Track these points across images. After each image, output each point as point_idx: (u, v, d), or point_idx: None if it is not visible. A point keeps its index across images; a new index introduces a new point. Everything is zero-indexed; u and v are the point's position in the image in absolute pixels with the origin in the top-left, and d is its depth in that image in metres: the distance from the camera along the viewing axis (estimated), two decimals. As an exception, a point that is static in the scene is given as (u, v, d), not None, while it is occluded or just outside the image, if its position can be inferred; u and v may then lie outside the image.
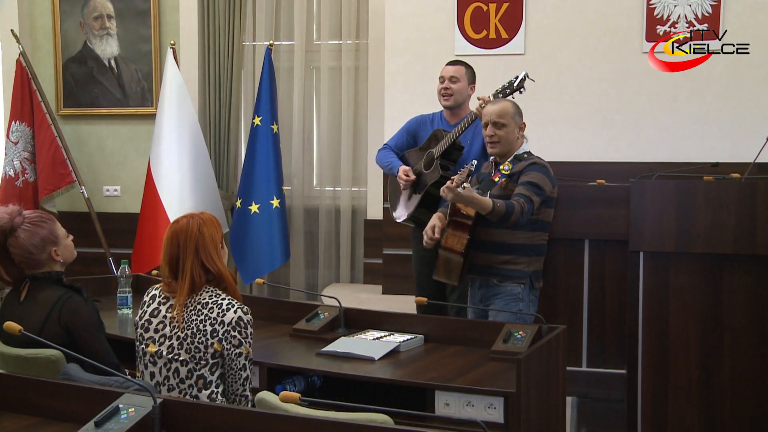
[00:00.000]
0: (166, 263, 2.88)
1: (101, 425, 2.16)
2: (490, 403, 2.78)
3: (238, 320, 2.80)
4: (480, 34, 5.35)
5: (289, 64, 6.14)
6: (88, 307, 3.11)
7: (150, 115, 6.15)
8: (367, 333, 3.50)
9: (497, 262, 3.75)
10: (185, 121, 5.83)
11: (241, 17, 6.12)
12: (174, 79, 5.84)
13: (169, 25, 6.27)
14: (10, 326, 2.63)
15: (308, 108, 6.17)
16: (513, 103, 3.84)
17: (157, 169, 5.80)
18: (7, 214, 3.11)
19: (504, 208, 3.60)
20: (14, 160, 6.03)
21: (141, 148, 6.25)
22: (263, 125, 5.68)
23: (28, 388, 2.52)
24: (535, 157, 3.75)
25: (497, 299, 3.75)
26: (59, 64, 6.45)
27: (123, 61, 6.37)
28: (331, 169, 6.14)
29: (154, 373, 2.85)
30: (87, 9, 6.37)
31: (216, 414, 2.25)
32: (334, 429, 2.05)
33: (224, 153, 6.23)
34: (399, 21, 5.48)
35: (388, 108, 5.50)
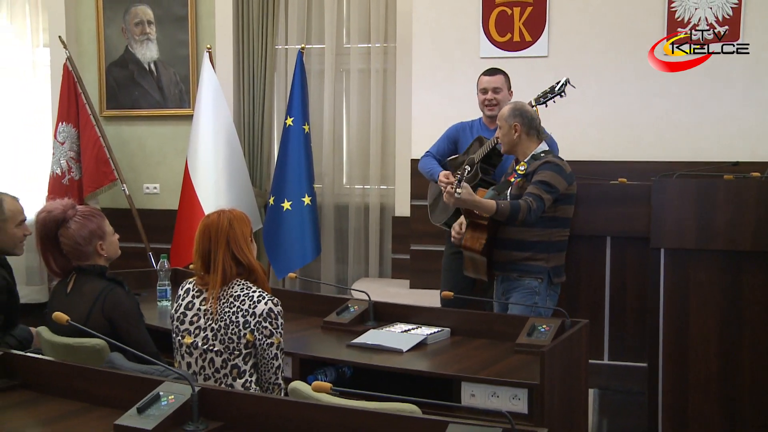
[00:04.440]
0: (199, 257, 2.90)
1: (143, 411, 2.18)
2: (515, 394, 2.78)
3: (269, 311, 2.81)
4: (504, 37, 5.32)
5: (320, 66, 6.15)
6: (129, 299, 3.15)
7: (187, 116, 6.18)
8: (395, 326, 3.51)
9: (517, 258, 3.76)
10: (221, 121, 5.86)
11: (273, 22, 6.14)
12: (210, 82, 5.87)
13: (206, 30, 6.30)
14: (58, 316, 2.67)
15: (338, 109, 6.18)
16: (512, 107, 3.84)
17: (194, 167, 5.84)
18: (62, 206, 3.18)
19: (509, 208, 3.60)
20: (61, 160, 6.09)
21: (179, 147, 6.29)
22: (295, 126, 5.70)
23: (74, 374, 2.55)
24: (551, 156, 3.73)
25: (515, 293, 3.77)
26: (102, 68, 6.51)
27: (162, 64, 6.42)
28: (360, 168, 6.14)
29: (191, 363, 2.87)
30: (128, 15, 6.42)
31: (251, 402, 2.26)
32: (365, 418, 2.06)
33: (258, 152, 6.25)
34: (426, 25, 5.47)
35: (415, 109, 5.49)
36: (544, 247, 3.74)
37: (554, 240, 3.75)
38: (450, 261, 4.45)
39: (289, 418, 2.14)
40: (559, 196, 3.68)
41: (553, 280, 3.77)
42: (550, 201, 3.65)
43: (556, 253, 3.78)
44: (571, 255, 4.06)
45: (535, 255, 3.73)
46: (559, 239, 3.77)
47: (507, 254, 3.79)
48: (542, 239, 3.73)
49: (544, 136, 3.85)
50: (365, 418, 2.05)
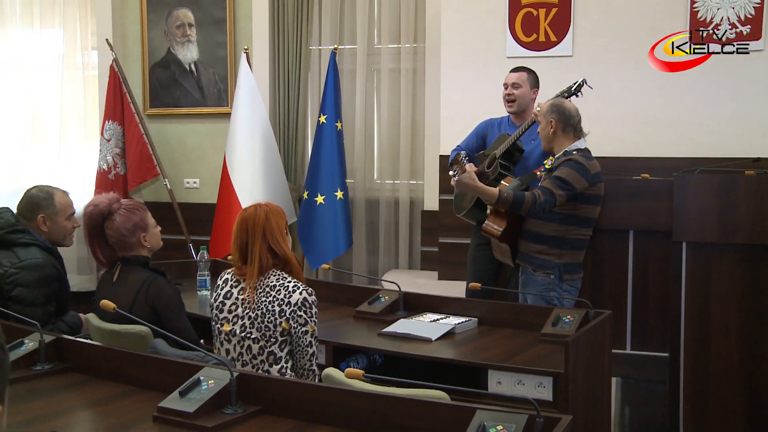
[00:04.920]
0: (237, 248, 2.92)
1: (185, 394, 2.21)
2: (540, 382, 2.77)
3: (304, 301, 2.82)
4: (530, 37, 5.29)
5: (352, 66, 6.15)
6: (171, 288, 3.18)
7: (226, 114, 6.21)
8: (424, 315, 3.51)
9: (532, 251, 3.75)
10: (257, 119, 5.88)
11: (308, 23, 6.15)
12: (247, 81, 5.90)
13: (243, 32, 6.33)
14: (105, 304, 2.71)
15: (369, 107, 6.17)
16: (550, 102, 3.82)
17: (232, 163, 5.87)
18: (107, 200, 3.22)
19: (511, 197, 3.59)
20: (107, 156, 6.16)
21: (217, 144, 6.33)
22: (328, 123, 5.71)
23: (121, 359, 2.59)
24: (578, 155, 3.68)
25: (530, 287, 3.75)
26: (146, 69, 6.57)
27: (202, 65, 6.46)
28: (390, 164, 6.14)
29: (229, 350, 2.89)
30: (171, 18, 6.47)
31: (286, 387, 2.28)
32: (395, 403, 2.06)
33: (292, 148, 6.27)
34: (454, 26, 5.44)
35: (443, 107, 5.47)
36: (558, 243, 3.70)
37: (569, 237, 3.71)
38: (476, 252, 4.45)
39: (323, 403, 2.15)
40: (577, 194, 3.62)
41: (564, 277, 3.72)
42: (564, 198, 3.60)
43: (570, 251, 3.73)
44: (595, 248, 4.03)
45: (549, 249, 3.71)
46: (574, 237, 3.73)
47: (526, 245, 3.79)
48: (557, 235, 3.70)
49: (583, 134, 3.79)
50: (396, 403, 2.06)
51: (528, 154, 4.26)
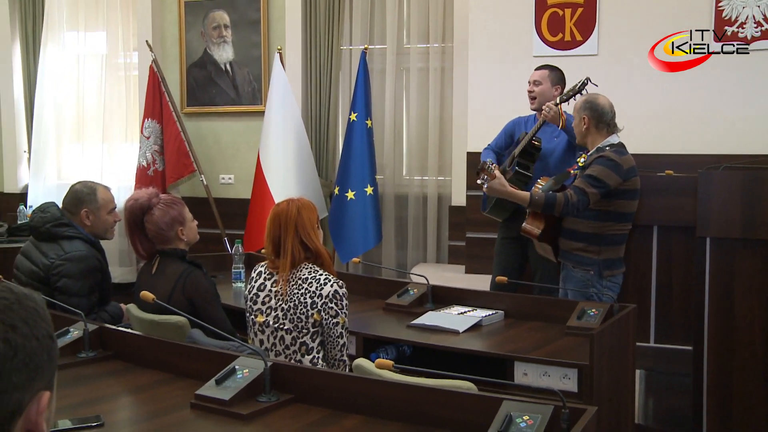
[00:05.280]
0: (270, 242, 2.93)
1: (221, 383, 2.23)
2: (565, 373, 2.75)
3: (335, 293, 2.83)
4: (556, 36, 5.24)
5: (381, 65, 6.15)
6: (207, 280, 3.21)
7: (259, 112, 6.24)
8: (452, 308, 3.50)
9: (572, 248, 3.71)
10: (290, 117, 5.90)
11: (339, 24, 6.15)
12: (280, 81, 5.91)
13: (277, 33, 6.35)
14: (145, 295, 2.74)
15: (399, 105, 6.16)
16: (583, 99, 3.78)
17: (266, 159, 5.89)
18: (147, 195, 3.26)
19: (543, 200, 3.55)
20: (147, 152, 6.22)
21: (251, 141, 6.36)
22: (358, 121, 5.71)
23: (160, 348, 2.62)
24: (609, 151, 3.63)
25: (571, 283, 3.71)
26: (183, 69, 6.62)
27: (237, 65, 6.49)
28: (419, 160, 6.12)
29: (263, 341, 2.91)
30: (207, 20, 6.51)
31: (318, 377, 2.29)
32: (424, 393, 2.06)
33: (324, 145, 6.28)
34: (481, 26, 5.41)
35: (471, 105, 5.45)
36: (596, 240, 3.65)
37: (607, 233, 3.66)
38: (501, 246, 4.44)
39: (354, 393, 2.16)
40: (611, 191, 3.57)
41: (603, 273, 3.66)
42: (597, 195, 3.54)
43: (609, 247, 3.68)
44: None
45: (588, 246, 3.66)
46: (612, 233, 3.67)
47: (565, 243, 3.75)
48: (595, 231, 3.65)
49: (617, 129, 3.73)
50: (425, 393, 2.06)
51: (550, 151, 4.23)
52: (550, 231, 3.77)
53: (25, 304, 1.10)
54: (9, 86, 7.10)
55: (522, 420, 1.85)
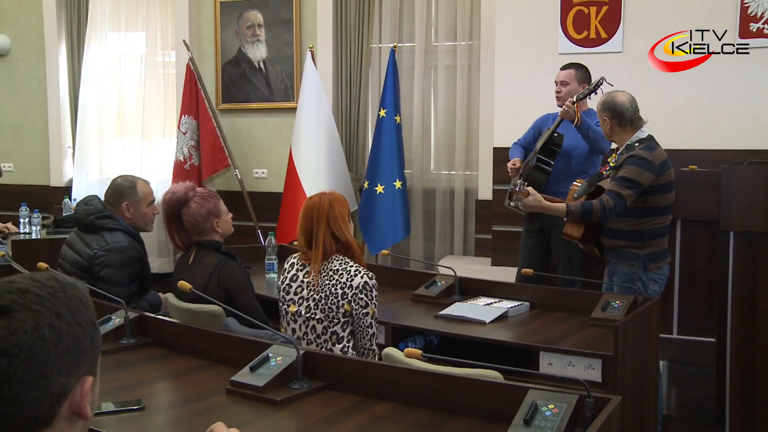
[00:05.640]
0: (302, 234, 2.94)
1: (255, 370, 2.24)
2: (589, 364, 2.73)
3: (365, 284, 2.83)
4: (581, 34, 5.19)
5: (410, 63, 6.13)
6: (241, 271, 3.23)
7: (292, 108, 6.26)
8: (478, 299, 3.49)
9: (615, 245, 3.66)
10: (321, 113, 5.91)
11: (369, 23, 6.15)
12: (312, 78, 5.93)
13: (308, 32, 6.36)
14: (182, 285, 2.77)
15: (427, 101, 6.15)
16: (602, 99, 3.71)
17: (298, 154, 5.91)
18: (184, 188, 3.28)
19: (580, 209, 3.51)
20: (183, 148, 6.27)
21: (284, 136, 6.39)
22: (388, 117, 5.71)
23: (196, 336, 2.64)
24: (638, 149, 3.55)
25: (616, 278, 3.65)
26: (219, 67, 6.66)
27: (270, 63, 6.52)
28: (446, 155, 6.11)
29: (295, 330, 2.92)
30: (241, 20, 6.54)
31: (349, 365, 2.29)
32: (452, 382, 2.06)
33: (354, 141, 6.29)
34: (508, 24, 5.38)
35: (497, 102, 5.42)
36: (638, 236, 3.59)
37: (647, 228, 3.58)
38: (526, 238, 4.41)
39: (383, 380, 2.16)
40: (646, 188, 3.50)
41: (648, 267, 3.59)
42: (633, 196, 3.48)
43: (651, 241, 3.60)
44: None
45: (631, 243, 3.60)
46: (653, 227, 3.59)
47: (607, 241, 3.70)
48: (635, 228, 3.58)
49: (642, 122, 3.65)
50: (452, 382, 2.06)
51: (572, 147, 4.19)
52: (591, 232, 3.74)
53: (69, 292, 1.11)
54: (55, 85, 7.21)
55: (547, 408, 1.84)
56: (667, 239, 3.71)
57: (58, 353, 1.06)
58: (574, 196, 3.79)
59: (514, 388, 1.96)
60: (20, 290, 1.07)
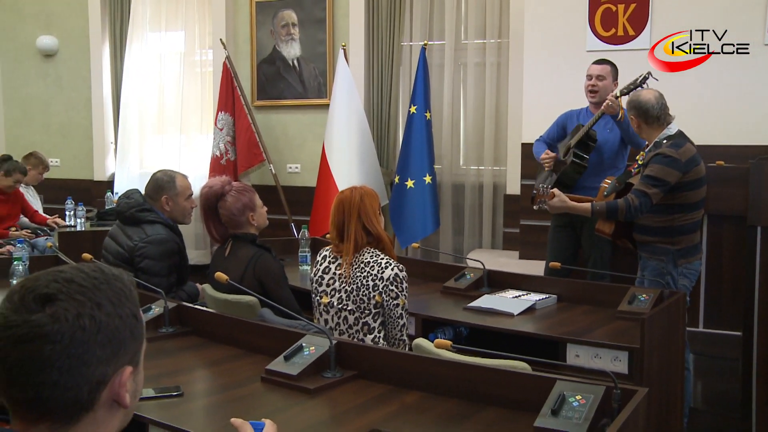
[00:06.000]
0: (334, 227, 2.95)
1: (289, 359, 2.25)
2: (616, 356, 2.71)
3: (395, 276, 2.83)
4: (609, 31, 5.11)
5: (440, 60, 6.10)
6: (276, 263, 3.24)
7: (325, 105, 6.27)
8: (507, 292, 3.47)
9: (646, 241, 3.62)
10: (353, 109, 5.91)
11: (400, 21, 6.13)
12: (345, 75, 5.93)
13: (341, 30, 6.36)
14: (219, 276, 2.79)
15: (456, 98, 6.12)
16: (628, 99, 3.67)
17: (330, 149, 5.92)
18: (220, 183, 3.31)
19: (605, 208, 3.48)
20: (220, 143, 6.32)
21: (317, 132, 6.40)
22: (418, 113, 5.69)
23: (233, 325, 2.66)
24: (665, 147, 3.49)
25: (647, 272, 3.61)
26: (254, 65, 6.69)
27: (304, 60, 6.53)
28: (475, 151, 6.07)
29: (327, 320, 2.93)
30: (276, 19, 6.56)
31: (380, 355, 2.30)
32: (481, 372, 2.05)
33: (385, 136, 6.28)
34: (536, 22, 5.32)
35: (526, 98, 5.36)
36: (667, 232, 3.54)
37: (677, 224, 3.53)
38: (554, 234, 4.37)
39: (414, 370, 2.16)
40: (673, 186, 3.45)
41: (678, 262, 3.54)
42: (659, 194, 3.43)
43: (682, 236, 3.55)
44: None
45: (661, 239, 3.55)
46: (683, 223, 3.54)
47: (639, 237, 3.67)
48: (665, 224, 3.54)
49: (670, 118, 3.59)
50: (481, 372, 2.05)
51: (603, 143, 4.16)
52: (622, 228, 3.70)
53: (113, 284, 1.12)
54: (99, 84, 7.32)
55: (575, 399, 1.83)
56: (698, 234, 3.65)
57: (98, 342, 1.07)
58: (604, 194, 3.76)
59: (542, 379, 1.95)
60: (66, 280, 1.09)
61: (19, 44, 7.66)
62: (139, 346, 1.16)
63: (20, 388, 1.05)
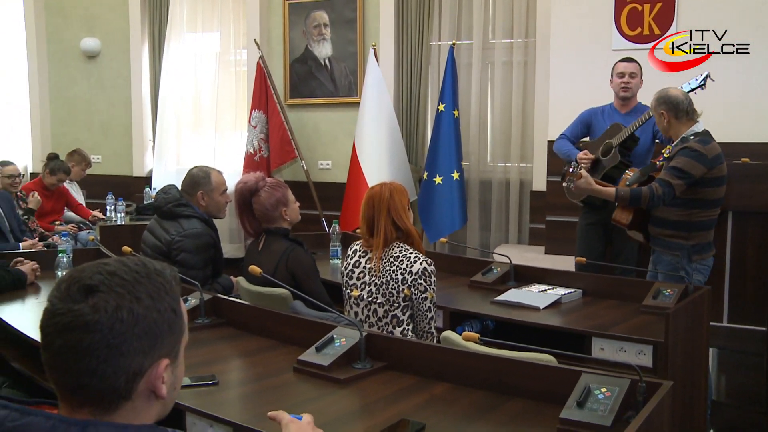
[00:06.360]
0: (364, 222, 2.95)
1: (320, 350, 2.26)
2: (641, 349, 2.67)
3: (424, 270, 2.83)
4: (635, 30, 5.04)
5: (468, 60, 6.07)
6: (307, 257, 3.25)
7: (355, 103, 6.28)
8: (533, 286, 3.45)
9: (661, 234, 3.57)
10: (383, 107, 5.91)
11: (428, 22, 6.11)
12: (375, 74, 5.93)
13: (371, 31, 6.36)
14: (253, 269, 2.80)
15: (484, 96, 6.08)
16: (657, 95, 3.59)
17: (360, 146, 5.93)
18: (254, 178, 3.33)
19: (629, 194, 3.43)
20: (254, 140, 6.36)
21: (347, 130, 6.41)
22: (446, 111, 5.67)
23: (266, 317, 2.68)
24: (693, 141, 3.44)
25: (662, 266, 3.57)
26: (287, 65, 6.72)
27: (335, 60, 6.54)
28: (502, 148, 6.03)
29: (357, 313, 2.94)
30: (308, 20, 6.58)
31: (409, 347, 2.29)
32: (508, 365, 2.04)
33: (414, 134, 6.27)
34: (563, 21, 5.27)
35: (552, 96, 5.33)
36: (685, 227, 3.49)
37: (694, 220, 3.49)
38: (585, 230, 4.31)
39: (442, 362, 2.16)
40: (697, 180, 3.40)
41: (692, 258, 3.50)
42: (682, 186, 3.38)
43: (697, 232, 3.50)
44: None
45: (677, 233, 3.50)
46: (700, 219, 3.49)
47: (654, 230, 3.62)
48: (683, 219, 3.49)
49: (696, 115, 3.55)
50: (508, 365, 2.04)
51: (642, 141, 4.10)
52: (639, 219, 3.65)
53: (153, 279, 1.13)
54: (138, 83, 7.42)
55: (600, 392, 1.81)
56: (712, 232, 3.59)
57: (135, 334, 1.08)
58: (626, 183, 3.71)
59: (568, 372, 1.93)
60: (108, 272, 1.10)
61: (64, 47, 7.80)
62: (178, 339, 1.17)
63: (63, 374, 1.08)
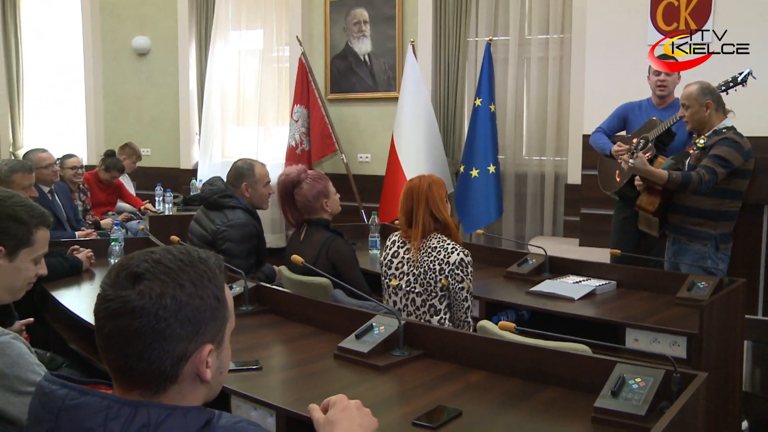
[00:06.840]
0: (403, 214, 2.95)
1: (360, 337, 2.27)
2: (674, 341, 2.63)
3: (461, 261, 2.82)
4: (670, 26, 4.92)
5: (504, 55, 6.00)
6: (347, 247, 3.26)
7: (394, 98, 6.26)
8: (567, 277, 3.42)
9: (688, 223, 3.51)
10: (421, 102, 5.88)
11: (466, 18, 6.06)
12: (413, 70, 5.90)
13: (410, 27, 6.33)
14: (295, 259, 2.83)
15: (520, 91, 6.01)
16: (699, 86, 3.52)
17: (399, 140, 5.91)
18: (296, 171, 3.35)
19: (680, 178, 3.37)
20: (295, 134, 6.39)
21: (386, 124, 6.40)
22: (483, 105, 5.62)
23: (308, 305, 2.70)
24: (731, 133, 3.40)
25: (686, 256, 3.51)
26: (328, 60, 6.73)
27: (374, 56, 6.53)
28: (538, 142, 5.96)
29: (396, 302, 2.94)
30: (349, 17, 6.58)
31: (446, 335, 2.29)
32: (543, 354, 2.02)
33: (451, 128, 6.23)
34: (599, 17, 5.17)
35: (587, 92, 5.24)
36: (714, 216, 3.46)
37: (724, 210, 3.46)
38: (622, 224, 4.24)
39: (479, 351, 2.15)
40: (734, 170, 3.37)
41: (720, 246, 3.47)
42: (724, 174, 3.35)
43: (725, 222, 3.49)
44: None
45: (706, 222, 3.46)
46: (728, 209, 3.47)
47: (680, 218, 3.56)
48: (713, 208, 3.45)
49: (729, 110, 3.52)
50: (544, 354, 2.02)
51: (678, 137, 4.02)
52: (663, 207, 3.60)
53: (197, 266, 1.15)
54: (186, 79, 7.52)
55: (634, 382, 1.78)
56: (734, 224, 3.55)
57: (178, 320, 1.10)
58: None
59: (602, 362, 1.91)
60: (154, 261, 1.12)
61: (117, 45, 7.94)
62: (222, 326, 1.18)
63: (114, 357, 1.10)
